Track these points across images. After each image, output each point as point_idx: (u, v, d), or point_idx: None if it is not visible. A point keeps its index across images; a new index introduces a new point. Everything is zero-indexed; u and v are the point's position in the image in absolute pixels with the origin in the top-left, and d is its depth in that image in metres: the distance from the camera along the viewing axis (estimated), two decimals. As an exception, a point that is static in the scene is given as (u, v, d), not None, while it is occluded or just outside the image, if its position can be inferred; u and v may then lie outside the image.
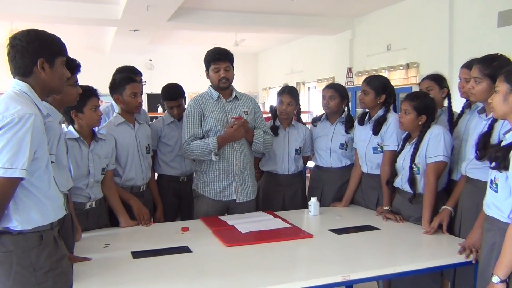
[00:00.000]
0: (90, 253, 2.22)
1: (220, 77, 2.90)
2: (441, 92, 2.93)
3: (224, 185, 2.97)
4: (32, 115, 1.65)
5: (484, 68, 2.26)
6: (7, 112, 1.64)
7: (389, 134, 2.95)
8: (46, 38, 1.84)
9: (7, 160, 1.59)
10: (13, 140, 1.61)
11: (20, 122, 1.62)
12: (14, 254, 1.68)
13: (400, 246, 2.42)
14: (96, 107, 2.55)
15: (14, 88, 1.77)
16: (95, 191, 2.63)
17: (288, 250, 2.30)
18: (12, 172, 1.60)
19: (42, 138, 1.72)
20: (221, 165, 2.95)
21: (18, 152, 1.61)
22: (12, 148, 1.60)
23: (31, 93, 1.78)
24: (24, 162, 1.62)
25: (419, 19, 7.00)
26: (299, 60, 11.06)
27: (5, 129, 1.61)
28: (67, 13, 7.10)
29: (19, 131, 1.62)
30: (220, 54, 2.91)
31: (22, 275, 1.69)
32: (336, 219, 2.89)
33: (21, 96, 1.74)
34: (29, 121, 1.64)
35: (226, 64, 2.91)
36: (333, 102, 3.29)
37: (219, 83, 2.93)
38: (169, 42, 11.19)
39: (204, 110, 2.94)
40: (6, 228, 1.69)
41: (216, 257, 2.23)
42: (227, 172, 2.96)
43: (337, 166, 3.32)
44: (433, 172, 2.57)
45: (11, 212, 1.68)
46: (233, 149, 2.96)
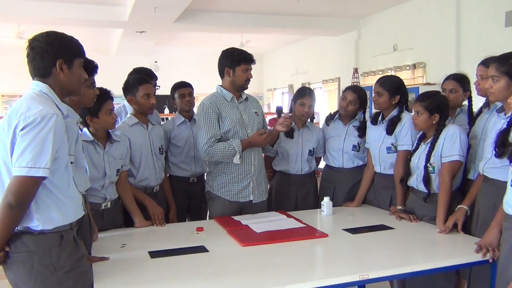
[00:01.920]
0: (107, 253, 2.23)
1: (248, 78, 2.94)
2: (464, 95, 2.92)
3: (242, 186, 2.97)
4: (54, 115, 1.68)
5: (500, 66, 2.26)
6: (29, 112, 1.66)
7: (404, 134, 2.95)
8: (65, 40, 1.87)
9: (31, 159, 1.61)
10: (36, 140, 1.63)
11: (42, 121, 1.64)
12: (35, 254, 1.70)
13: (416, 245, 2.42)
14: (111, 110, 2.57)
15: (34, 89, 1.79)
16: (110, 191, 2.65)
17: (304, 250, 2.31)
18: (36, 171, 1.62)
19: (63, 138, 1.74)
20: (241, 166, 2.94)
21: (41, 151, 1.63)
22: (35, 148, 1.62)
23: (51, 94, 1.80)
24: (47, 161, 1.64)
25: (426, 19, 6.98)
26: (305, 61, 11.05)
27: (28, 128, 1.63)
28: (73, 15, 7.12)
29: (42, 131, 1.64)
30: (251, 55, 2.95)
31: (43, 275, 1.71)
32: (349, 218, 2.90)
33: (41, 97, 1.76)
34: (52, 120, 1.66)
35: (252, 67, 2.95)
36: (352, 107, 3.29)
37: (245, 83, 2.96)
38: (175, 44, 11.21)
39: (221, 111, 2.92)
40: (27, 228, 1.71)
41: (232, 256, 2.24)
42: (245, 173, 2.96)
43: (349, 167, 3.32)
44: (448, 171, 2.58)
45: (33, 211, 1.70)
46: (252, 150, 2.97)
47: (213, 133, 2.86)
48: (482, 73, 2.62)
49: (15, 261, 1.71)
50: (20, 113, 1.67)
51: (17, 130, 1.64)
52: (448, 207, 2.56)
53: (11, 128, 1.66)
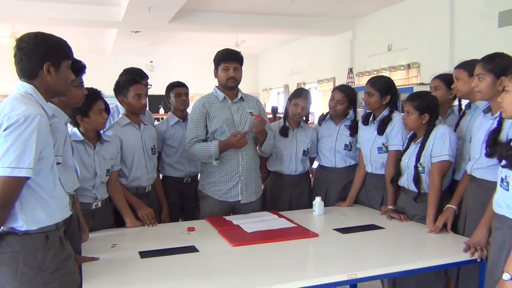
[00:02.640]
0: (98, 253, 2.23)
1: (229, 76, 2.94)
2: (449, 93, 2.94)
3: (230, 186, 2.98)
4: (38, 115, 1.67)
5: (486, 64, 2.29)
6: (13, 113, 1.66)
7: (394, 134, 2.96)
8: (53, 42, 1.86)
9: (14, 160, 1.61)
10: (19, 140, 1.62)
11: (26, 122, 1.64)
12: (20, 254, 1.70)
13: (405, 245, 2.44)
14: (102, 110, 2.57)
15: (20, 90, 1.79)
16: (101, 191, 2.65)
17: (294, 249, 2.31)
18: (19, 171, 1.61)
19: (47, 138, 1.74)
20: (227, 166, 2.96)
21: (24, 151, 1.63)
22: (18, 148, 1.62)
23: (36, 95, 1.80)
24: (30, 162, 1.63)
25: (420, 19, 7.01)
26: (300, 61, 11.07)
27: (11, 129, 1.63)
28: (68, 15, 7.12)
29: (25, 131, 1.64)
30: (231, 53, 2.96)
31: (28, 276, 1.70)
32: (341, 218, 2.91)
33: (26, 97, 1.76)
34: (35, 121, 1.66)
35: (235, 64, 2.94)
36: (341, 106, 3.29)
37: (227, 82, 2.96)
38: (170, 44, 11.21)
39: (209, 111, 2.96)
40: (12, 228, 1.70)
41: (223, 256, 2.25)
42: (232, 173, 2.97)
43: (342, 166, 3.33)
44: (438, 171, 2.59)
45: (17, 211, 1.70)
46: (238, 150, 2.97)
47: (196, 134, 2.93)
48: (456, 75, 2.66)
49: (0, 262, 1.70)
50: (4, 114, 1.66)
51: (0, 131, 1.64)
52: (438, 206, 2.58)
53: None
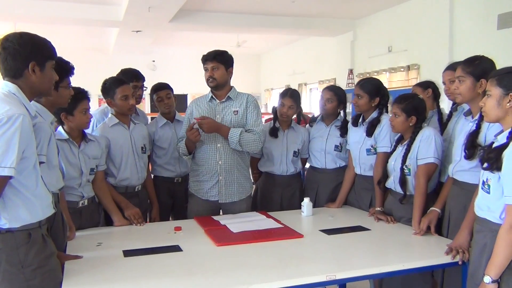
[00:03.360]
0: (82, 251, 2.26)
1: (207, 76, 2.98)
2: (426, 93, 2.97)
3: (210, 185, 3.02)
4: (21, 116, 1.70)
5: (466, 67, 2.31)
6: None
7: (382, 136, 2.97)
8: (38, 42, 1.88)
9: None
10: (2, 140, 1.65)
11: (8, 122, 1.66)
12: (2, 252, 1.73)
13: (389, 247, 2.44)
14: (86, 109, 2.59)
15: (3, 89, 1.81)
16: (87, 189, 2.68)
17: (277, 250, 2.33)
18: (1, 170, 1.64)
19: (30, 138, 1.76)
20: (206, 165, 3.01)
21: (6, 151, 1.65)
22: (1, 147, 1.64)
23: (20, 94, 1.82)
24: (12, 161, 1.66)
25: (420, 21, 7.01)
26: (301, 61, 11.08)
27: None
28: (69, 14, 7.16)
29: (8, 131, 1.66)
30: (206, 54, 2.99)
31: (10, 273, 1.73)
32: (329, 219, 2.92)
33: (9, 97, 1.78)
34: (18, 121, 1.68)
35: (212, 64, 2.96)
36: (330, 105, 3.32)
37: (208, 83, 3.00)
38: (172, 43, 11.25)
39: (193, 112, 3.04)
40: None
41: (206, 256, 2.26)
42: (211, 172, 3.01)
43: (332, 167, 3.34)
44: (423, 173, 2.60)
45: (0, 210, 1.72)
46: (216, 150, 3.00)
47: (182, 134, 3.08)
48: (450, 77, 2.68)
49: None
50: None
51: None
52: (423, 209, 2.58)
53: None
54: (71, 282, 1.90)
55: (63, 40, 10.18)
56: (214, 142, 2.99)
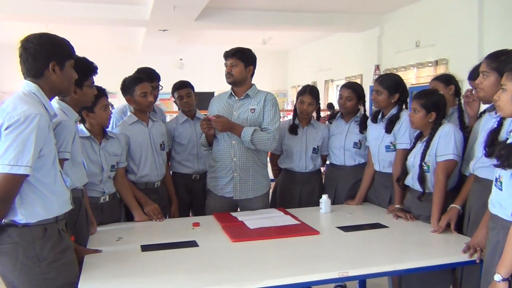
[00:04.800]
0: (102, 246, 2.32)
1: (226, 72, 3.01)
2: (448, 89, 2.90)
3: (225, 182, 3.04)
4: (38, 115, 1.75)
5: (491, 62, 2.24)
6: (14, 112, 1.74)
7: (402, 132, 2.93)
8: (57, 42, 1.94)
9: (13, 158, 1.69)
10: (19, 139, 1.71)
11: (25, 121, 1.72)
12: (19, 245, 1.79)
13: (406, 244, 2.41)
14: (106, 106, 2.66)
15: (24, 89, 1.88)
16: (108, 186, 2.75)
17: (292, 246, 2.33)
18: (17, 169, 1.70)
19: (47, 136, 1.81)
20: (221, 162, 3.04)
21: (23, 150, 1.71)
22: (18, 146, 1.70)
23: (40, 94, 1.88)
24: (29, 160, 1.71)
25: (448, 14, 6.84)
26: (327, 58, 11.00)
27: (12, 128, 1.72)
28: (98, 15, 7.32)
29: (25, 130, 1.72)
30: (227, 51, 3.02)
31: (27, 266, 1.79)
32: (347, 216, 2.90)
33: (29, 97, 1.84)
34: (34, 121, 1.73)
35: (231, 60, 2.99)
36: (350, 103, 3.29)
37: (226, 79, 3.03)
38: (199, 42, 11.34)
39: (213, 108, 3.09)
40: (12, 221, 1.80)
41: (221, 251, 2.30)
42: (226, 169, 3.03)
43: (351, 164, 3.32)
44: (442, 170, 2.55)
45: (17, 206, 1.79)
46: (231, 146, 3.01)
47: None
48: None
49: (2, 252, 1.80)
50: (6, 113, 1.75)
51: (1, 129, 1.73)
52: (443, 206, 2.54)
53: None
54: (89, 275, 1.96)
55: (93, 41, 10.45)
56: (229, 139, 3.02)
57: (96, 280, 1.93)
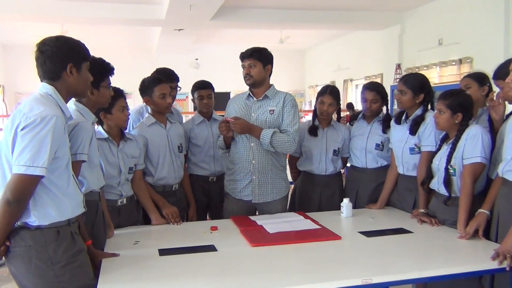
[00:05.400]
0: (119, 250, 2.33)
1: (244, 74, 3.00)
2: (481, 90, 2.84)
3: (243, 185, 3.04)
4: (54, 117, 1.78)
5: None
6: (31, 113, 1.78)
7: (427, 134, 2.89)
8: (73, 44, 1.98)
9: (29, 158, 1.72)
10: (35, 140, 1.74)
11: (42, 122, 1.75)
12: (32, 248, 1.82)
13: (431, 250, 2.37)
14: (124, 107, 2.68)
15: (41, 90, 1.91)
16: (126, 188, 2.76)
17: (313, 252, 2.32)
18: (33, 170, 1.73)
19: (63, 138, 1.84)
20: (240, 164, 3.04)
21: (39, 151, 1.74)
22: (34, 147, 1.73)
23: (56, 96, 1.91)
24: (44, 161, 1.74)
25: (472, 11, 6.74)
26: (346, 57, 10.94)
27: (28, 129, 1.75)
28: (112, 15, 7.41)
29: (41, 132, 1.75)
30: (244, 52, 3.02)
31: (41, 268, 1.82)
32: (369, 221, 2.87)
33: (46, 98, 1.87)
34: (51, 122, 1.76)
35: (249, 61, 2.98)
36: (376, 105, 3.26)
37: (245, 80, 3.02)
38: (215, 41, 11.39)
39: (230, 109, 3.08)
40: (25, 223, 1.82)
41: (240, 256, 2.29)
42: (245, 171, 3.03)
43: (373, 167, 3.28)
44: (469, 174, 2.51)
45: (30, 208, 1.81)
46: (250, 149, 3.01)
47: None
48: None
49: (15, 255, 1.84)
50: (23, 113, 1.78)
51: (18, 129, 1.76)
52: (469, 211, 2.49)
53: (13, 127, 1.78)
54: (107, 279, 1.97)
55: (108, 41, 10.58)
56: (248, 141, 3.01)
57: (114, 285, 1.93)
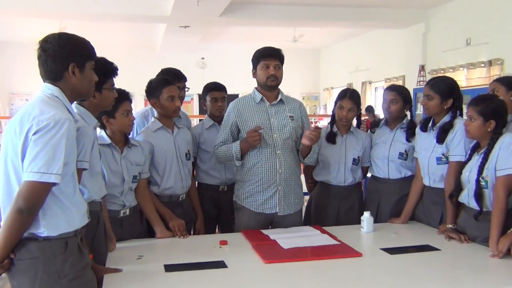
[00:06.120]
0: (122, 264, 2.33)
1: (269, 74, 3.00)
2: (509, 95, 2.84)
3: (267, 196, 3.02)
4: (67, 120, 1.80)
5: None
6: (42, 116, 1.79)
7: (456, 143, 2.87)
8: (77, 42, 1.99)
9: (43, 165, 1.73)
10: (49, 145, 1.75)
11: (56, 126, 1.77)
12: (39, 261, 1.82)
13: (460, 270, 2.36)
14: (128, 111, 2.68)
15: (45, 92, 1.92)
16: (129, 198, 2.77)
17: (331, 270, 2.31)
18: (48, 177, 1.74)
19: (73, 144, 1.86)
20: (264, 174, 3.01)
21: (53, 157, 1.75)
22: (48, 153, 1.74)
23: (63, 98, 1.93)
24: (59, 167, 1.76)
25: (503, 9, 6.72)
26: (365, 57, 10.94)
27: (41, 133, 1.76)
28: (115, 10, 7.47)
29: (55, 136, 1.76)
30: (271, 50, 3.02)
31: (47, 282, 1.82)
32: (392, 237, 2.86)
33: (53, 100, 1.89)
34: (65, 126, 1.78)
35: (276, 62, 3.00)
36: (395, 106, 3.26)
37: (267, 81, 3.01)
38: (222, 39, 11.44)
39: (242, 114, 3.04)
40: (33, 234, 1.83)
41: (252, 274, 2.28)
42: (269, 182, 3.01)
43: (396, 177, 3.27)
44: (503, 186, 2.48)
45: (40, 217, 1.82)
46: (276, 156, 3.00)
47: (223, 138, 3.10)
48: None
49: (20, 268, 1.84)
50: (33, 117, 1.79)
51: (29, 134, 1.77)
52: (503, 227, 2.47)
53: (23, 132, 1.79)
54: (109, 297, 1.98)
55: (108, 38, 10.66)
56: (273, 148, 3.00)
57: (117, 303, 1.94)
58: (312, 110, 13.61)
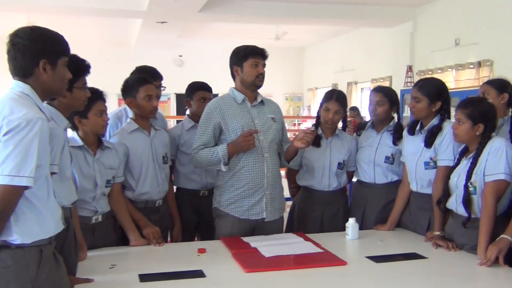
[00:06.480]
0: (94, 274, 2.32)
1: (259, 72, 3.01)
2: (500, 98, 2.89)
3: (253, 202, 3.02)
4: (40, 119, 1.77)
5: None
6: (13, 116, 1.75)
7: (444, 147, 2.92)
8: (50, 37, 1.95)
9: (14, 167, 1.70)
10: (20, 146, 1.72)
11: (27, 126, 1.73)
12: (11, 270, 1.78)
13: (449, 278, 2.39)
14: (102, 111, 2.67)
15: (15, 89, 1.88)
16: (102, 204, 2.76)
17: (315, 279, 2.32)
18: (19, 180, 1.70)
19: (46, 145, 1.83)
20: (251, 179, 2.99)
21: (25, 158, 1.71)
22: (19, 154, 1.71)
23: (34, 96, 1.89)
24: (31, 170, 1.72)
25: (493, 9, 6.84)
26: (351, 57, 11.03)
27: (12, 134, 1.72)
28: (87, 4, 7.39)
29: (27, 136, 1.73)
30: (260, 48, 3.05)
31: None
32: (378, 244, 2.89)
33: (24, 99, 1.85)
34: (37, 125, 1.75)
35: (263, 61, 3.03)
36: (381, 108, 3.30)
37: (256, 80, 3.02)
38: (201, 36, 11.43)
39: (225, 115, 3.01)
40: (4, 241, 1.79)
41: (232, 284, 2.30)
42: (257, 186, 3.00)
43: (382, 182, 3.31)
44: (492, 192, 2.53)
45: (12, 223, 1.78)
46: (264, 160, 3.00)
47: (204, 141, 3.02)
48: None
49: None
50: (3, 117, 1.76)
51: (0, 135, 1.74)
52: (491, 234, 2.52)
53: None
54: (80, 308, 1.97)
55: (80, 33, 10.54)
56: (261, 150, 3.01)
57: (88, 315, 1.93)
58: (296, 111, 13.68)
